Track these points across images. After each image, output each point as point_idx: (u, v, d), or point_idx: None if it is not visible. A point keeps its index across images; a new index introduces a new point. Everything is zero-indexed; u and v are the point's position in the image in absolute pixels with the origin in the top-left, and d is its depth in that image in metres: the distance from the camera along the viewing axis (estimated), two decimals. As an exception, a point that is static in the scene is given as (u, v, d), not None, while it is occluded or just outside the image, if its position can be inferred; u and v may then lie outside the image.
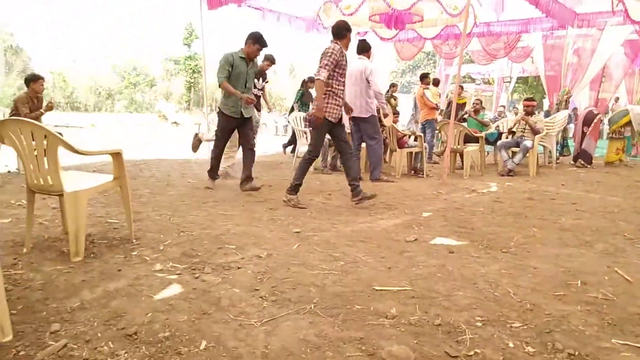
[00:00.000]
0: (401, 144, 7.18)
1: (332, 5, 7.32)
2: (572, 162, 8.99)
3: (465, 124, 7.75)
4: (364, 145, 6.56)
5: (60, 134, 3.40)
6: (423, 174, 7.12)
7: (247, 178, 5.23)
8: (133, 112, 38.25)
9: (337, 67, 4.45)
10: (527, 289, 2.55)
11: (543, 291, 2.52)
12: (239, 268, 2.74)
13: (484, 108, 9.49)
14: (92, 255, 2.87)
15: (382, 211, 4.51)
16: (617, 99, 12.59)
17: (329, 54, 4.36)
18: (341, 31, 4.52)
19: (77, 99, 40.61)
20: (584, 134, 8.69)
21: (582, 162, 8.63)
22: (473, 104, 9.15)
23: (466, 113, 8.86)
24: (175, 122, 22.25)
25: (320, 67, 4.34)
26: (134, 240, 3.18)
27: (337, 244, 3.29)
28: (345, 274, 2.69)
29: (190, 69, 36.92)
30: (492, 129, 8.42)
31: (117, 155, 3.05)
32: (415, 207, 4.70)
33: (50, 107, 6.38)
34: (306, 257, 2.97)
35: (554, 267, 2.93)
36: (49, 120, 8.58)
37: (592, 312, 2.27)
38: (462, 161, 7.61)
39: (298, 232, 3.59)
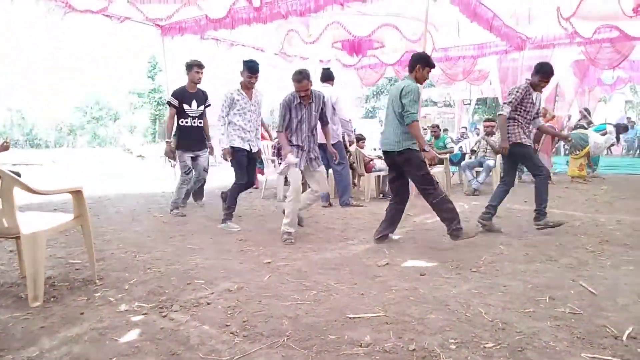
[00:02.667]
0: (369, 169, 7.26)
1: (295, 35, 7.45)
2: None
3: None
4: (330, 171, 6.60)
5: (18, 173, 3.27)
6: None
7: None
8: (96, 147, 37.40)
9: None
10: (498, 307, 2.58)
11: (513, 309, 2.55)
12: (208, 304, 2.66)
13: (446, 130, 9.74)
14: (52, 299, 2.73)
15: (353, 236, 4.51)
16: (569, 117, 13.19)
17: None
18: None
19: (36, 136, 39.47)
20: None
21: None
22: (431, 131, 9.40)
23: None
24: (141, 155, 21.84)
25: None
26: (97, 281, 3.06)
27: (308, 273, 3.25)
28: (317, 304, 2.66)
29: (155, 101, 36.58)
30: (455, 150, 8.65)
31: (77, 193, 2.95)
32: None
33: (5, 147, 6.14)
34: (278, 288, 2.92)
35: (522, 283, 2.99)
36: (6, 159, 8.27)
37: (562, 327, 2.31)
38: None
39: (269, 262, 3.54)
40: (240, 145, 4.88)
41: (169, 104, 5.58)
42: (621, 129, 11.47)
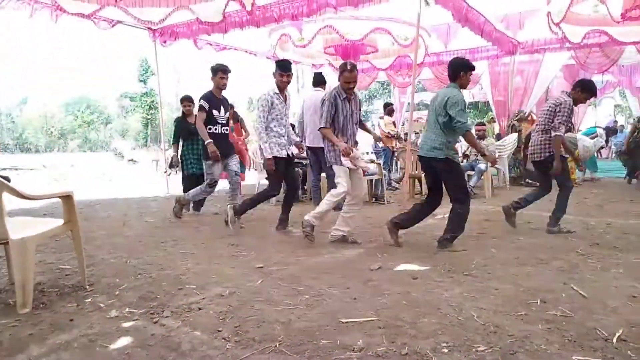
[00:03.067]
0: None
1: (287, 39, 7.45)
2: (522, 182, 9.35)
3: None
4: (324, 175, 6.60)
5: (7, 178, 3.23)
6: (384, 201, 7.20)
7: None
8: (87, 151, 37.13)
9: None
10: (490, 310, 2.58)
11: (505, 312, 2.56)
12: (200, 309, 2.64)
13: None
14: (41, 305, 2.70)
15: (345, 240, 4.50)
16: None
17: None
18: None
19: (27, 140, 39.11)
20: (525, 156, 9.11)
21: (529, 182, 9.00)
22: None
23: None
24: (132, 160, 21.72)
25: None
26: (88, 287, 3.02)
27: (301, 277, 3.24)
28: (310, 308, 2.65)
29: (147, 105, 36.44)
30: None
31: (67, 198, 2.92)
32: (377, 235, 4.73)
33: None
34: (270, 293, 2.91)
35: (514, 286, 3.00)
36: (-5, 163, 8.19)
37: (553, 330, 2.32)
38: (421, 186, 7.77)
39: (261, 267, 3.52)
40: (280, 154, 4.66)
41: (201, 107, 5.13)
42: (610, 132, 11.59)
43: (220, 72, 5.16)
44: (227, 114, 5.39)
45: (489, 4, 6.92)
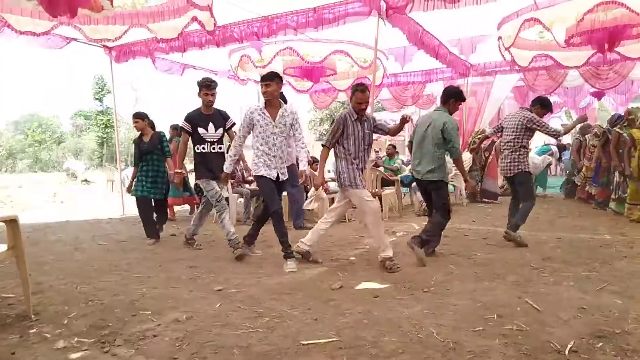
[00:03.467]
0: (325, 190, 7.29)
1: (247, 60, 7.46)
2: (478, 199, 9.64)
3: (381, 169, 8.09)
4: (285, 194, 6.57)
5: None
6: (345, 219, 7.23)
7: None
8: (38, 172, 35.45)
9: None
10: (449, 327, 2.61)
11: (463, 328, 2.60)
12: (155, 336, 2.53)
13: (397, 152, 9.98)
14: (-20, 338, 2.52)
15: (306, 260, 4.47)
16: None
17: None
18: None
19: (-29, 160, 36.99)
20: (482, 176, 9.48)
21: (486, 200, 9.30)
22: (386, 148, 9.63)
23: (373, 161, 9.29)
24: (86, 180, 20.90)
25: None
26: (33, 316, 2.84)
27: (261, 299, 3.18)
28: (270, 331, 2.59)
29: (103, 124, 35.34)
30: (406, 172, 8.85)
31: (11, 223, 2.76)
32: (339, 253, 4.73)
33: None
34: (229, 317, 2.83)
35: (472, 302, 3.05)
36: None
37: (509, 344, 2.37)
38: (381, 204, 7.86)
39: (220, 289, 3.43)
40: (266, 173, 4.34)
41: (182, 129, 4.87)
42: (561, 148, 12.22)
43: (203, 87, 4.76)
44: (220, 130, 4.91)
45: (443, 29, 7.20)
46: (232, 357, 2.26)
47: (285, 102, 6.45)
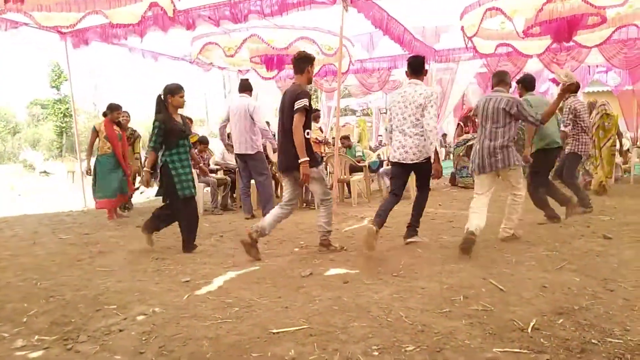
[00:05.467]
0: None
1: (213, 47, 7.28)
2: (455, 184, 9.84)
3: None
4: (253, 182, 6.51)
5: None
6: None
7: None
8: (-8, 164, 33.84)
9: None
10: (417, 310, 2.66)
11: (431, 310, 2.65)
12: (120, 331, 2.47)
13: (365, 141, 10.02)
14: None
15: (276, 248, 4.46)
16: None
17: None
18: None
19: None
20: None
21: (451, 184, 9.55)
22: (340, 140, 9.62)
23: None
24: (45, 172, 20.11)
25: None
26: (-11, 315, 2.72)
27: (230, 289, 3.15)
28: (240, 321, 2.57)
29: (61, 112, 33.92)
30: (373, 158, 8.92)
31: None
32: (308, 240, 4.72)
33: None
34: (197, 308, 2.79)
35: (438, 285, 3.12)
36: None
37: (475, 324, 2.43)
38: (350, 190, 7.91)
39: (187, 281, 3.38)
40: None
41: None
42: None
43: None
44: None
45: (408, 15, 7.23)
46: (201, 348, 2.23)
47: (251, 89, 6.40)
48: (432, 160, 4.23)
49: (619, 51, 8.32)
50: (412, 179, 4.67)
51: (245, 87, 6.36)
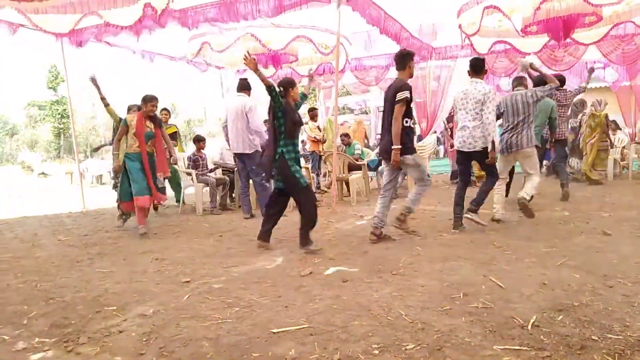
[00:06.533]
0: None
1: (206, 46, 7.27)
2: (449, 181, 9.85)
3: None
4: (252, 181, 6.50)
5: None
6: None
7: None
8: (-10, 166, 33.77)
9: None
10: (417, 308, 2.66)
11: (431, 308, 2.65)
12: (120, 332, 2.47)
13: (367, 139, 10.00)
14: None
15: (275, 247, 4.45)
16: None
17: None
18: None
19: None
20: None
21: (454, 181, 9.52)
22: (340, 137, 9.62)
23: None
24: (43, 173, 20.04)
25: None
26: (-11, 318, 2.72)
27: (230, 289, 3.15)
28: (240, 321, 2.57)
29: (59, 113, 33.86)
30: (372, 156, 8.92)
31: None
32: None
33: None
34: (197, 308, 2.79)
35: (438, 282, 3.12)
36: None
37: (475, 322, 2.43)
38: (349, 189, 7.91)
39: (187, 281, 3.37)
40: None
41: None
42: None
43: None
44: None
45: (404, 12, 7.22)
46: (201, 349, 2.23)
47: (249, 88, 6.38)
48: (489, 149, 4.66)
49: (617, 47, 8.32)
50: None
51: (244, 87, 6.33)
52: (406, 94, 4.23)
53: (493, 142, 4.64)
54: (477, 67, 4.82)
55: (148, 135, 5.31)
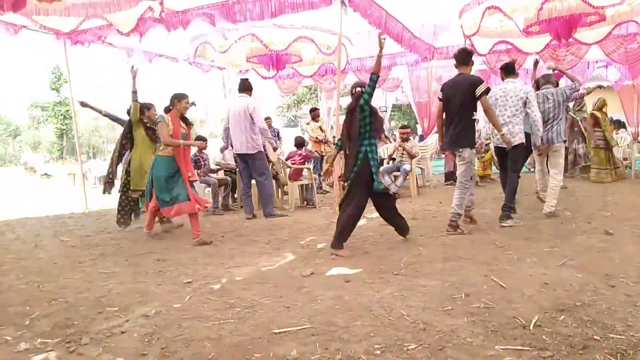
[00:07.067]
0: (295, 177, 7.27)
1: (207, 46, 7.28)
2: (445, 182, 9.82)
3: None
4: (254, 182, 6.51)
5: None
6: (315, 205, 7.24)
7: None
8: (-7, 167, 33.91)
9: None
10: (419, 308, 2.66)
11: (433, 308, 2.65)
12: (122, 333, 2.48)
13: None
14: None
15: (277, 247, 4.46)
16: (477, 120, 14.23)
17: None
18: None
19: None
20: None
21: (450, 182, 9.50)
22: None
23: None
24: (46, 174, 20.12)
25: None
26: (-8, 319, 2.73)
27: (232, 290, 3.15)
28: (242, 321, 2.57)
29: (61, 114, 33.95)
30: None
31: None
32: (310, 240, 4.73)
33: None
34: (199, 309, 2.79)
35: (440, 282, 3.12)
36: None
37: (477, 322, 2.43)
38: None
39: (189, 282, 3.38)
40: None
41: None
42: None
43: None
44: None
45: (405, 12, 7.22)
46: (203, 349, 2.23)
47: (251, 88, 6.39)
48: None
49: (619, 46, 8.30)
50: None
51: (245, 87, 6.35)
52: (485, 85, 4.55)
53: (541, 137, 5.05)
54: (510, 69, 5.27)
55: (183, 137, 4.87)
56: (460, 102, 4.58)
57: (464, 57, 4.76)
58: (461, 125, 4.60)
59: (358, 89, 4.22)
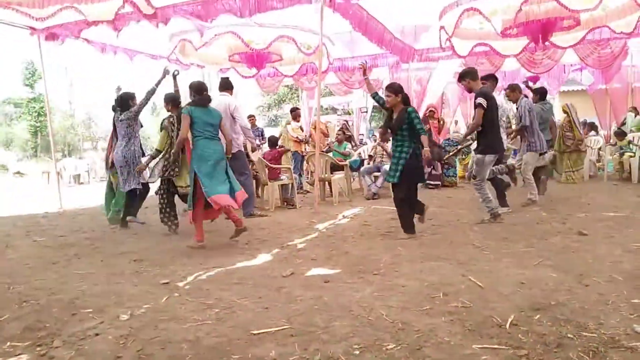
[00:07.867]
0: (273, 176, 7.23)
1: (186, 44, 7.19)
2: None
3: (330, 154, 8.13)
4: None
5: None
6: (295, 205, 7.22)
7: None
8: (-37, 165, 32.78)
9: None
10: (398, 308, 2.67)
11: (412, 308, 2.66)
12: (97, 335, 2.41)
13: (349, 137, 9.99)
14: None
15: (257, 247, 4.43)
16: (456, 122, 14.42)
17: None
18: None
19: None
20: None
21: (431, 184, 9.60)
22: (336, 134, 9.65)
23: (328, 146, 9.32)
24: (19, 172, 19.60)
25: None
26: (-42, 322, 2.63)
27: (210, 290, 3.11)
28: (220, 322, 2.54)
29: (35, 111, 33.05)
30: (354, 157, 8.94)
31: None
32: (290, 240, 4.71)
33: None
34: (176, 310, 2.75)
35: (419, 282, 3.13)
36: None
37: (455, 321, 2.45)
38: (331, 189, 7.92)
39: (167, 282, 3.32)
40: None
41: None
42: None
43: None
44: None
45: (386, 17, 7.27)
46: (180, 352, 2.19)
47: (231, 87, 6.33)
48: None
49: (593, 51, 8.52)
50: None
51: (226, 86, 6.29)
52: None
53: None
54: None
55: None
56: (496, 113, 5.29)
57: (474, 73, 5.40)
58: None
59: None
